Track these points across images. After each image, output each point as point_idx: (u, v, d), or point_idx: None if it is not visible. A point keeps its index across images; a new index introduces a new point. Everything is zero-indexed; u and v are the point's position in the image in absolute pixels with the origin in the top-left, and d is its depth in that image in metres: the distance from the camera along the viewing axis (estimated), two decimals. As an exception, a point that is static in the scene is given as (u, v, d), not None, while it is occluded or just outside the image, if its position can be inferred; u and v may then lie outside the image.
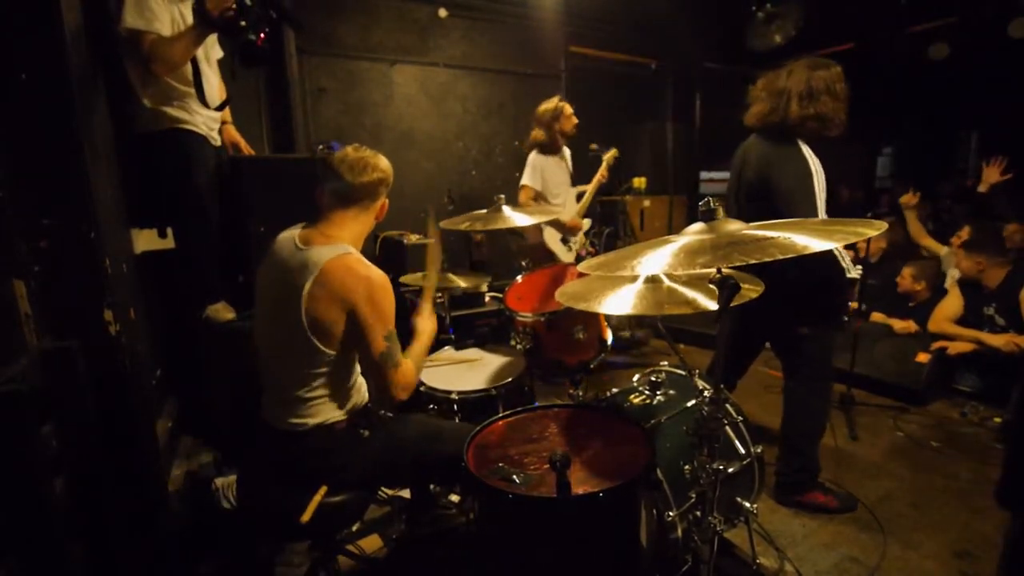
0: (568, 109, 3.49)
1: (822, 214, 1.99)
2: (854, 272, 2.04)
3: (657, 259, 1.13)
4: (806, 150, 2.05)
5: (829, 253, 1.97)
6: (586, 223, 3.73)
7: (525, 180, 3.49)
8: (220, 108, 2.19)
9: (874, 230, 1.09)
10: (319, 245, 1.47)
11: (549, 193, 3.54)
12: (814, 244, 1.02)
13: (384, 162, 1.58)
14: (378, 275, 1.47)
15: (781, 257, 0.99)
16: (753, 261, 1.01)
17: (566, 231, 3.56)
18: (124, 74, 2.01)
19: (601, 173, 3.74)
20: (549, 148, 3.51)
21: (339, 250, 1.46)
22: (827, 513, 2.29)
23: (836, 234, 1.05)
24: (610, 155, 3.73)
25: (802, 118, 2.03)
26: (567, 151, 3.67)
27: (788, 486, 2.33)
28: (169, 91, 2.06)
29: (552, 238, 3.60)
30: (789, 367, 2.35)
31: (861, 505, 2.32)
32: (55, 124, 1.44)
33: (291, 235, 1.54)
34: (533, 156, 3.52)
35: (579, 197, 3.75)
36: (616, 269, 1.20)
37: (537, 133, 3.51)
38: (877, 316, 3.85)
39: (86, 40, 1.67)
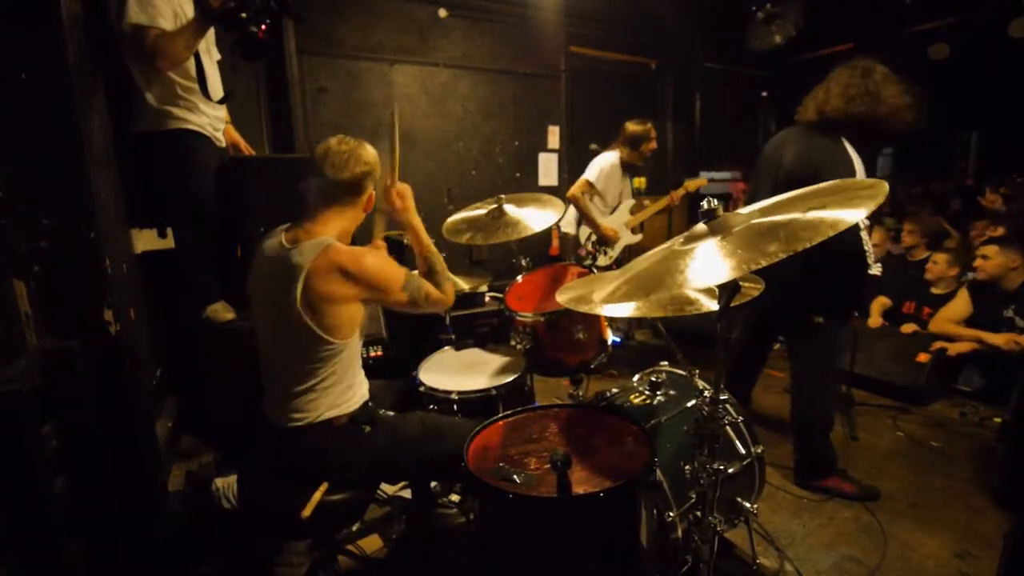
0: (653, 132, 3.61)
1: None
2: (875, 269, 2.09)
3: (711, 261, 1.01)
4: (849, 148, 2.08)
5: (859, 247, 2.03)
6: (632, 238, 3.77)
7: (589, 176, 3.57)
8: (223, 101, 2.19)
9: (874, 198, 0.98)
10: (303, 242, 1.47)
11: (605, 200, 3.65)
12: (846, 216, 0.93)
13: (369, 153, 1.56)
14: (359, 253, 1.48)
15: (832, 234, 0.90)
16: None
17: (600, 236, 3.60)
18: (125, 73, 2.01)
19: (672, 196, 3.87)
20: (630, 166, 3.65)
21: (320, 246, 1.45)
22: (846, 499, 2.35)
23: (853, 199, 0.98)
24: (697, 184, 3.93)
25: (853, 115, 2.05)
26: None
27: (806, 472, 2.44)
28: (174, 90, 2.06)
29: (585, 237, 3.71)
30: (798, 356, 2.42)
31: (861, 505, 2.32)
32: (55, 124, 1.44)
33: (279, 235, 1.53)
34: (611, 162, 3.59)
35: (634, 210, 3.82)
36: (659, 286, 1.05)
37: (623, 149, 3.61)
38: (881, 299, 3.85)
39: (86, 40, 1.67)
